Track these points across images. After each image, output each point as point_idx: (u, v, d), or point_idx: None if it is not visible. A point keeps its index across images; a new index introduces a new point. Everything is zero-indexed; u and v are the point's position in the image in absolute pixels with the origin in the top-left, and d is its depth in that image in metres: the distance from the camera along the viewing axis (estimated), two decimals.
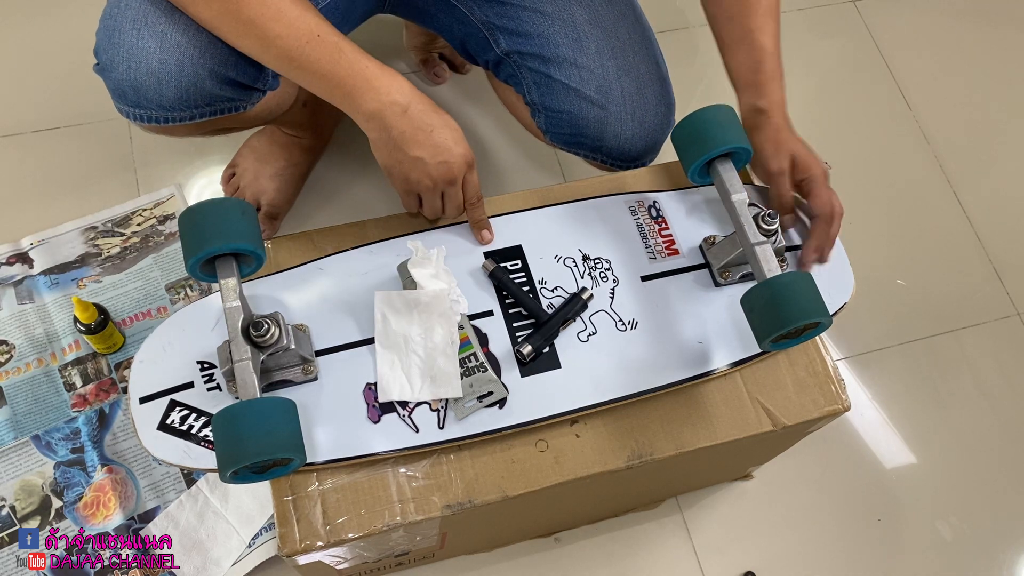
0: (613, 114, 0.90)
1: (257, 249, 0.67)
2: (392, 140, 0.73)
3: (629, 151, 0.92)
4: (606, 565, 1.06)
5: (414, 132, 0.73)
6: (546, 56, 0.91)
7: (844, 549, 1.11)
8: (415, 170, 0.75)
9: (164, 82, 0.77)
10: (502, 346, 0.76)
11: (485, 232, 0.80)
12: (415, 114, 0.73)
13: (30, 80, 1.27)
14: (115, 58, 0.77)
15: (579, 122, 0.91)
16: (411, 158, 0.74)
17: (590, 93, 0.90)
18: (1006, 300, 1.31)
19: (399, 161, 0.75)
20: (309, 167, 1.21)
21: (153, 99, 0.78)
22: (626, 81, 0.91)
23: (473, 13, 0.94)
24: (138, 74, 0.76)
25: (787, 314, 0.67)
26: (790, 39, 1.48)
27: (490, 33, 0.94)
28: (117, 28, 0.76)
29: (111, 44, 0.77)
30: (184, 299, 1.11)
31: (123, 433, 1.03)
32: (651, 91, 0.92)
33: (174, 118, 0.81)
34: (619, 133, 0.91)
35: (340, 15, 0.91)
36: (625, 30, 0.93)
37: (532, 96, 0.93)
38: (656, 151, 0.95)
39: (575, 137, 0.93)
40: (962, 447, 1.19)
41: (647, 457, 0.75)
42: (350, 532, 0.70)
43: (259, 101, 0.85)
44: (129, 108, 0.80)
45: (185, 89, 0.78)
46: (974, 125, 1.47)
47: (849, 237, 0.88)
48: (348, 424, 0.72)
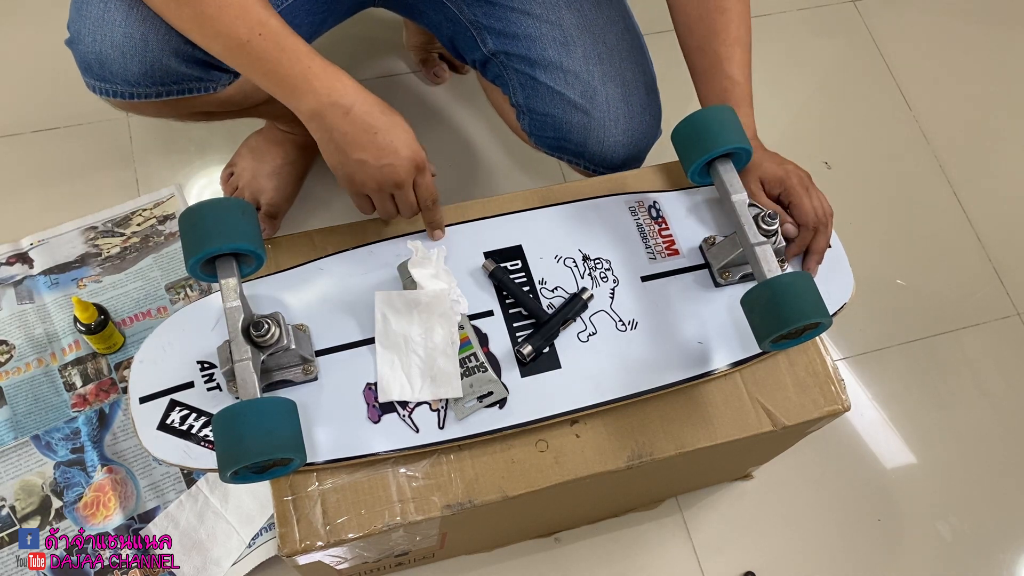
0: (597, 120, 0.90)
1: (257, 249, 0.67)
2: (334, 141, 0.72)
3: (612, 158, 0.92)
4: (606, 565, 1.06)
5: (356, 134, 0.71)
6: (532, 58, 0.91)
7: (844, 549, 1.11)
8: (359, 172, 0.73)
9: (129, 56, 0.76)
10: (502, 346, 0.76)
11: (437, 232, 0.79)
12: (358, 116, 0.71)
13: (30, 80, 1.26)
14: (82, 30, 0.76)
15: (563, 126, 0.91)
16: (354, 160, 0.72)
17: (574, 98, 0.90)
18: (1006, 300, 1.31)
19: (342, 163, 0.73)
20: (307, 165, 1.21)
21: (118, 73, 0.77)
22: (611, 87, 0.90)
23: (462, 12, 0.94)
24: (103, 47, 0.76)
25: (787, 314, 0.67)
26: (790, 39, 1.49)
27: (478, 32, 0.94)
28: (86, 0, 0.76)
29: (79, 15, 0.76)
30: (184, 299, 1.11)
31: (123, 433, 1.03)
32: (636, 99, 0.92)
33: (139, 94, 0.80)
34: (602, 139, 0.91)
35: (324, 6, 0.91)
36: (614, 36, 0.92)
37: (517, 98, 0.93)
38: (640, 159, 0.95)
39: (558, 141, 0.93)
40: (962, 447, 1.19)
41: (647, 457, 0.75)
42: (350, 532, 0.70)
43: (230, 83, 0.84)
44: (95, 82, 0.80)
45: (150, 64, 0.77)
46: (974, 125, 1.47)
47: (849, 237, 0.88)
48: (348, 424, 0.72)
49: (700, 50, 0.86)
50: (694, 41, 0.86)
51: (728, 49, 0.83)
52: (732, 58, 0.83)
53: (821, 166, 1.36)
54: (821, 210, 0.80)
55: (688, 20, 0.86)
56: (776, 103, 1.42)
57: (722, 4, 0.84)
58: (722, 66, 0.83)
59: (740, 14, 0.84)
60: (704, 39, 0.85)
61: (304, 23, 0.89)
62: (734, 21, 0.84)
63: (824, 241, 0.81)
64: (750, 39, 0.85)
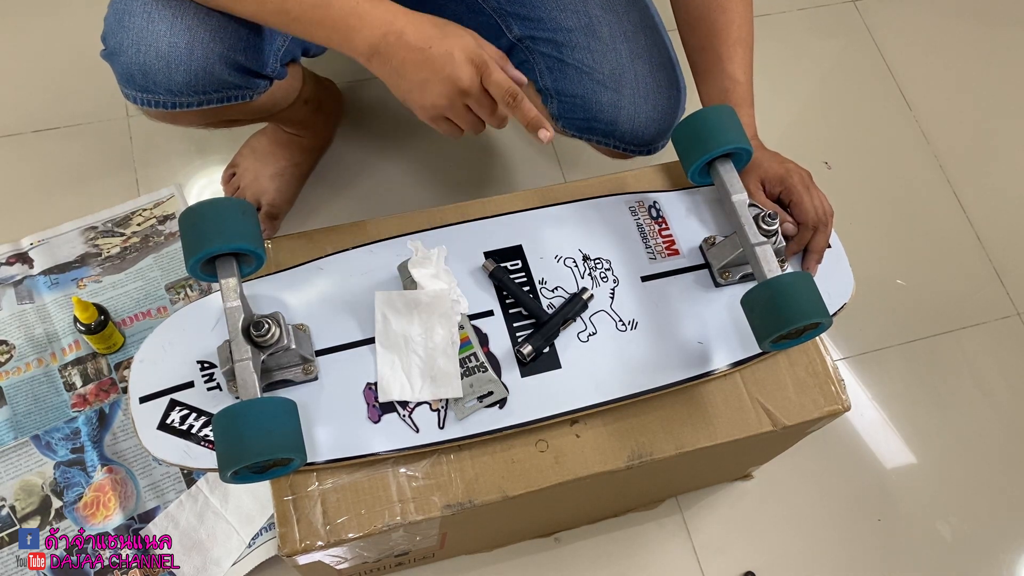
0: (627, 97, 0.90)
1: (257, 249, 0.67)
2: (396, 71, 0.70)
3: (643, 135, 0.92)
4: (606, 565, 1.06)
5: (413, 55, 0.69)
6: (559, 41, 0.91)
7: (844, 549, 1.11)
8: (427, 94, 0.70)
9: (174, 65, 0.77)
10: (502, 346, 0.76)
11: (542, 131, 0.70)
12: (411, 36, 0.69)
13: (30, 80, 1.26)
14: (124, 41, 0.77)
15: (593, 106, 0.91)
16: (418, 83, 0.70)
17: (603, 77, 0.90)
18: (1006, 300, 1.31)
19: (409, 91, 0.71)
20: (310, 167, 1.21)
21: (162, 83, 0.78)
22: (639, 65, 0.90)
23: (486, 0, 0.94)
24: (147, 57, 0.76)
25: (787, 314, 0.67)
26: (790, 39, 1.49)
27: (502, 19, 0.94)
28: (127, 11, 0.76)
29: (120, 27, 0.77)
30: (184, 299, 1.11)
31: (123, 433, 1.03)
32: (663, 75, 0.92)
33: (182, 103, 0.80)
34: (633, 117, 0.91)
35: None
36: (636, 15, 0.93)
37: (545, 81, 0.93)
38: (668, 135, 0.94)
39: (588, 122, 0.92)
40: (962, 447, 1.19)
41: (647, 457, 0.75)
42: (350, 532, 0.70)
43: (266, 91, 0.85)
44: (137, 93, 0.80)
45: (195, 73, 0.77)
46: (974, 125, 1.47)
47: (849, 237, 0.88)
48: (348, 424, 0.72)
49: (701, 49, 0.86)
50: (696, 40, 0.86)
51: (729, 49, 0.84)
52: (733, 58, 0.84)
53: (821, 166, 1.36)
54: (821, 209, 0.80)
55: (690, 19, 0.87)
56: (776, 103, 1.42)
57: (724, 4, 0.84)
58: (723, 65, 0.84)
59: (742, 14, 0.85)
60: (705, 38, 0.85)
61: None
62: (735, 21, 0.84)
63: (824, 240, 0.82)
64: (752, 39, 0.86)
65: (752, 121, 0.83)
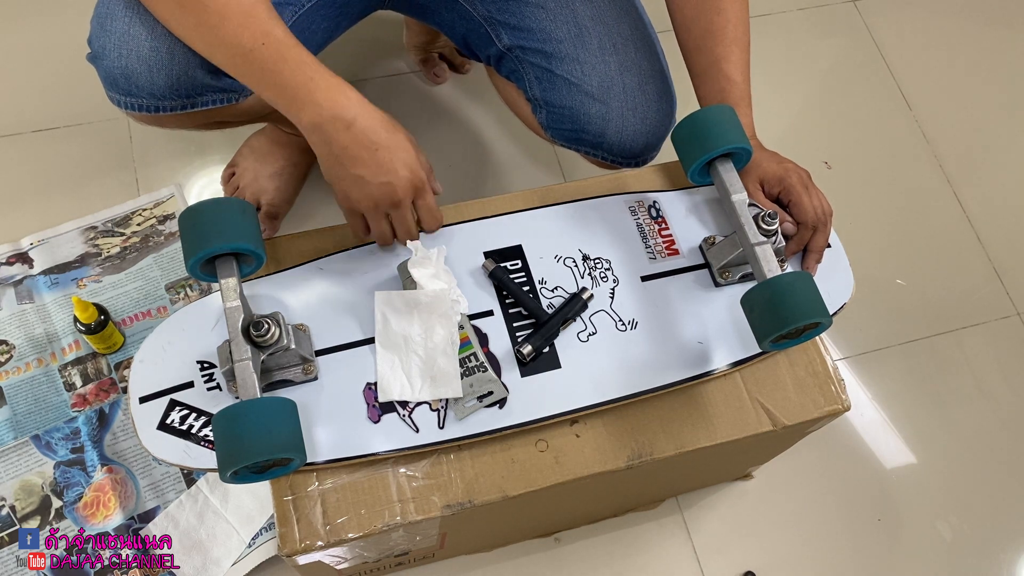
0: (615, 110, 0.90)
1: (257, 249, 0.67)
2: (333, 155, 0.71)
3: (631, 148, 0.92)
4: (606, 565, 1.06)
5: (356, 149, 0.70)
6: (548, 51, 0.91)
7: (844, 549, 1.11)
8: (356, 189, 0.72)
9: (155, 70, 0.76)
10: (502, 346, 0.76)
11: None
12: (360, 130, 0.69)
13: (30, 80, 1.27)
14: (107, 45, 0.76)
15: (581, 118, 0.91)
16: (352, 176, 0.71)
17: (592, 89, 0.90)
18: (1006, 300, 1.31)
19: (340, 178, 0.72)
20: (309, 167, 1.21)
21: (144, 87, 0.78)
22: (628, 77, 0.91)
23: (475, 8, 0.94)
24: (129, 61, 0.76)
25: (787, 314, 0.67)
26: (790, 39, 1.49)
27: (492, 28, 0.94)
28: (110, 15, 0.76)
29: (103, 31, 0.76)
30: (184, 299, 1.11)
31: (123, 433, 1.03)
32: (653, 87, 0.92)
33: (165, 107, 0.80)
34: (621, 129, 0.91)
35: (337, 10, 0.91)
36: (627, 26, 0.93)
37: (534, 91, 0.93)
38: (657, 148, 0.95)
39: (576, 133, 0.93)
40: (962, 447, 1.19)
41: (647, 457, 0.75)
42: (350, 532, 0.70)
43: (251, 94, 0.84)
44: (120, 96, 0.80)
45: (176, 78, 0.77)
46: (974, 125, 1.47)
47: (849, 237, 0.88)
48: (348, 424, 0.72)
49: (698, 50, 0.86)
50: (692, 41, 0.86)
51: (726, 49, 0.84)
52: (730, 58, 0.84)
53: (821, 166, 1.36)
54: (821, 209, 0.80)
55: (686, 20, 0.87)
56: (776, 103, 1.42)
57: (719, 4, 0.84)
58: (720, 66, 0.84)
59: (738, 14, 0.85)
60: (702, 39, 0.85)
61: (319, 28, 0.90)
62: (731, 21, 0.84)
63: (823, 240, 0.82)
64: (748, 39, 0.86)
65: (750, 121, 0.83)
